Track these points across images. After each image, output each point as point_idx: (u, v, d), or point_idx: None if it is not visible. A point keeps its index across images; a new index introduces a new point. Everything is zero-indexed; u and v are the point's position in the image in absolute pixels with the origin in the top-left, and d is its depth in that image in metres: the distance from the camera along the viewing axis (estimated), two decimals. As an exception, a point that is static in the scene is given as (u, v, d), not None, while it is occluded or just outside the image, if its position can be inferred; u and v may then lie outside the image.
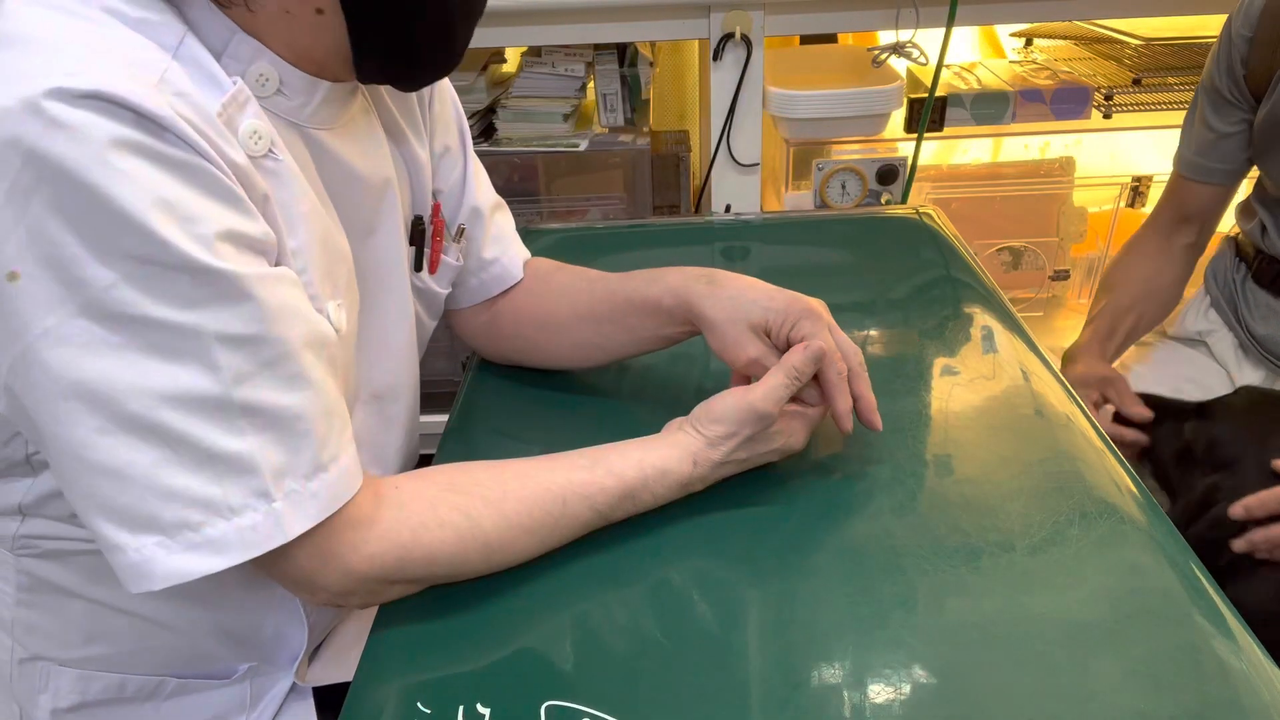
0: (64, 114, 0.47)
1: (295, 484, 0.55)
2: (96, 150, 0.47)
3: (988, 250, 1.77)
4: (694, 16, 1.40)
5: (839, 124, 1.50)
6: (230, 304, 0.52)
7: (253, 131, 0.56)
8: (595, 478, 0.65)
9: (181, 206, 0.50)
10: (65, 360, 0.50)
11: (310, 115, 0.62)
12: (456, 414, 0.86)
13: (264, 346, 0.53)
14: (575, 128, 1.64)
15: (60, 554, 0.67)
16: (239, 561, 0.53)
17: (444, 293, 0.83)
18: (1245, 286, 1.21)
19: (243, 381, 0.52)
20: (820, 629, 0.60)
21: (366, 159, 0.68)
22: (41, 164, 0.47)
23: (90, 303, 0.49)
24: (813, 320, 0.70)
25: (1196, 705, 0.54)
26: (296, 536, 0.55)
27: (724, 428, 0.67)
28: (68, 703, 0.71)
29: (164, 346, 0.50)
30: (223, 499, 0.53)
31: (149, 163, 0.49)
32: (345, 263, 0.65)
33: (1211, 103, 1.14)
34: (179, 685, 0.73)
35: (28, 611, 0.69)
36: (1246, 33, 1.07)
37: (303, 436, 0.55)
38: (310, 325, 0.57)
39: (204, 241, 0.50)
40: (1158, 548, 0.66)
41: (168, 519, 0.52)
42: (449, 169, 0.81)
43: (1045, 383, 0.85)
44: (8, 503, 0.65)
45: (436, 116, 0.79)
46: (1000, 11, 1.46)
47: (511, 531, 0.63)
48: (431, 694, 0.57)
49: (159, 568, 0.52)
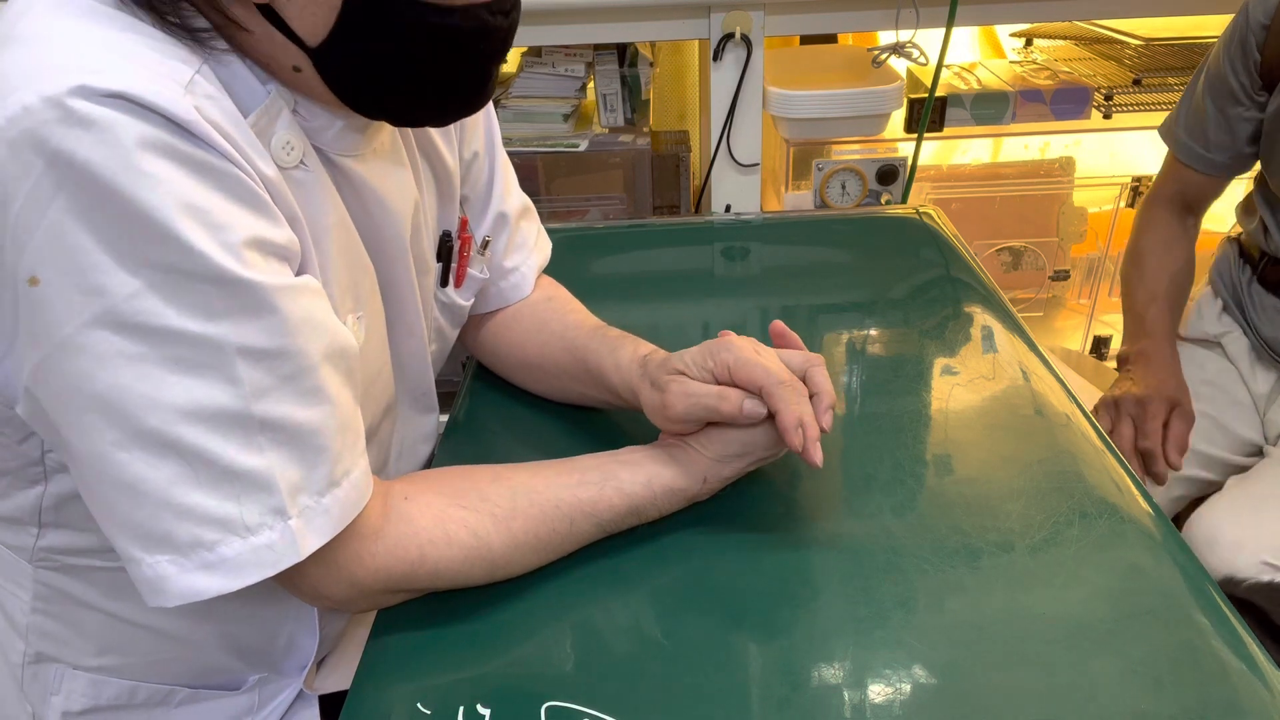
0: (90, 112, 0.45)
1: (310, 500, 0.54)
2: (123, 152, 0.46)
3: (988, 250, 1.77)
4: (694, 16, 1.40)
5: (839, 124, 1.50)
6: (253, 316, 0.50)
7: (285, 142, 0.55)
8: (604, 495, 0.64)
9: (210, 213, 0.48)
10: (84, 371, 0.48)
11: (332, 141, 0.60)
12: (456, 414, 0.86)
13: (285, 360, 0.52)
14: (575, 128, 1.64)
15: (78, 569, 0.67)
16: (253, 581, 0.53)
17: (467, 304, 0.82)
18: (1251, 289, 1.20)
19: (262, 396, 0.51)
20: (820, 629, 0.60)
21: (392, 182, 0.66)
22: (65, 165, 0.45)
23: (109, 312, 0.48)
24: (722, 347, 0.65)
25: (1196, 705, 0.54)
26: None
27: (735, 446, 0.66)
28: (79, 706, 0.71)
29: (185, 360, 0.49)
30: (239, 517, 0.52)
31: (177, 165, 0.47)
32: (368, 277, 0.65)
33: (1213, 90, 1.13)
34: (189, 694, 0.73)
35: (43, 619, 0.69)
36: (1264, 20, 1.06)
37: (319, 452, 0.54)
38: (332, 337, 0.56)
39: (231, 250, 0.49)
40: (1158, 548, 0.66)
41: (182, 538, 0.51)
42: (477, 175, 0.80)
43: (1045, 383, 0.85)
44: (26, 509, 0.64)
45: (467, 123, 0.78)
46: (1000, 11, 1.46)
47: (519, 550, 0.63)
48: (432, 695, 0.57)
49: (173, 585, 0.52)
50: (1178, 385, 1.14)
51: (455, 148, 0.77)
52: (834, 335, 0.94)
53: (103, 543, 0.63)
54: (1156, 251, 1.23)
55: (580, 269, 1.10)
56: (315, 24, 0.53)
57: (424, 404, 0.81)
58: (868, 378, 0.87)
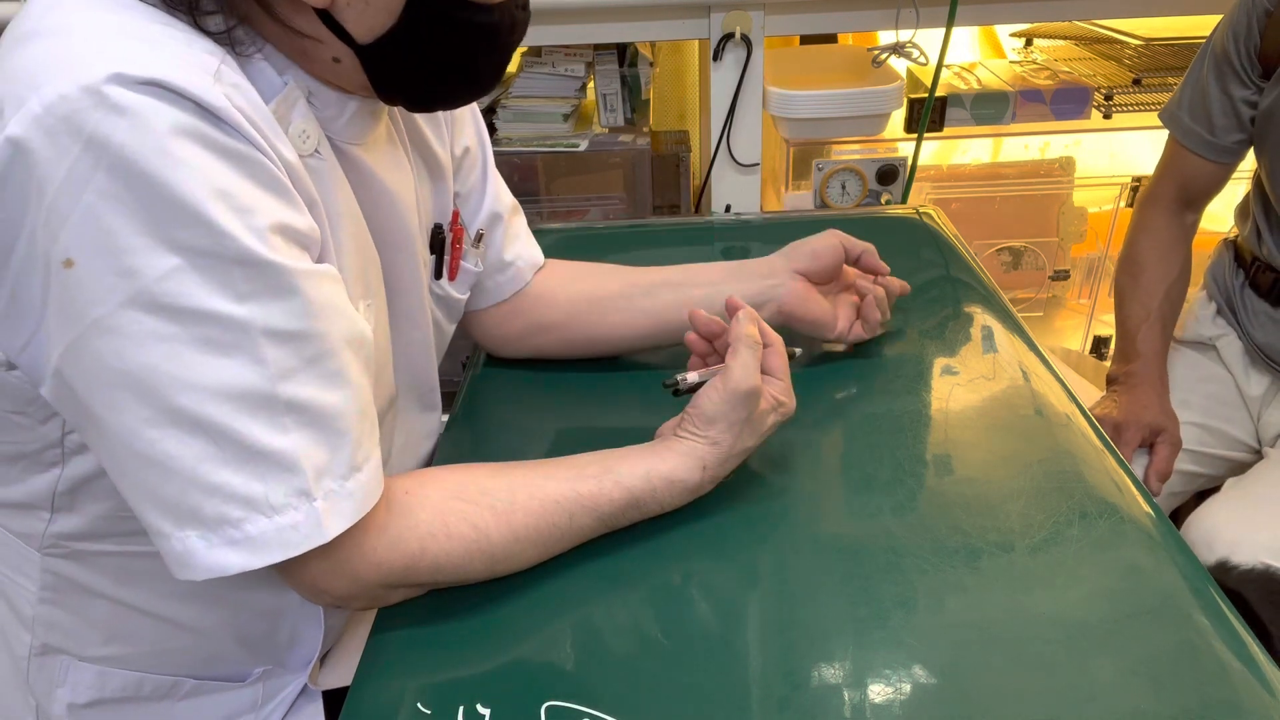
0: (125, 99, 0.47)
1: (334, 484, 0.55)
2: (157, 138, 0.47)
3: (988, 250, 1.77)
4: (694, 16, 1.40)
5: (839, 124, 1.50)
6: (279, 298, 0.52)
7: (302, 130, 0.57)
8: (603, 489, 0.65)
9: (239, 197, 0.50)
10: (116, 350, 0.50)
11: (342, 129, 0.63)
12: (456, 414, 0.86)
13: (308, 342, 0.53)
14: (575, 128, 1.64)
15: (88, 555, 0.67)
16: (277, 560, 0.54)
17: (463, 298, 0.83)
18: (1244, 294, 1.19)
19: (288, 377, 0.53)
20: (820, 629, 0.60)
21: (394, 174, 0.69)
22: (101, 150, 0.47)
23: (142, 292, 0.49)
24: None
25: (1196, 705, 0.54)
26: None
27: (722, 423, 0.67)
28: (85, 698, 0.71)
29: (213, 340, 0.51)
30: (264, 497, 0.53)
31: (208, 151, 0.49)
32: (375, 266, 0.66)
33: (1217, 68, 1.10)
34: (194, 686, 0.73)
35: (50, 609, 0.69)
36: (1269, 5, 1.06)
37: (342, 435, 0.55)
38: (351, 323, 0.57)
39: (258, 233, 0.51)
40: (1158, 548, 0.66)
41: (209, 513, 0.52)
42: (469, 170, 0.82)
43: (1045, 382, 0.85)
44: (40, 493, 0.65)
45: (456, 117, 0.80)
46: (1000, 11, 1.46)
47: (519, 544, 0.63)
48: (432, 694, 0.57)
49: (199, 559, 0.53)
50: (1160, 411, 1.13)
51: (446, 142, 0.78)
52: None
53: (114, 527, 0.64)
54: (1153, 259, 1.20)
55: (580, 269, 1.10)
56: (372, 26, 0.57)
57: (428, 400, 0.81)
58: (868, 378, 0.87)
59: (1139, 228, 1.23)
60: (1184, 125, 1.15)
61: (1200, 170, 1.16)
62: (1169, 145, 1.20)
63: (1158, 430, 1.12)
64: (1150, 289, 1.19)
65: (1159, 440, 1.12)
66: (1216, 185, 1.18)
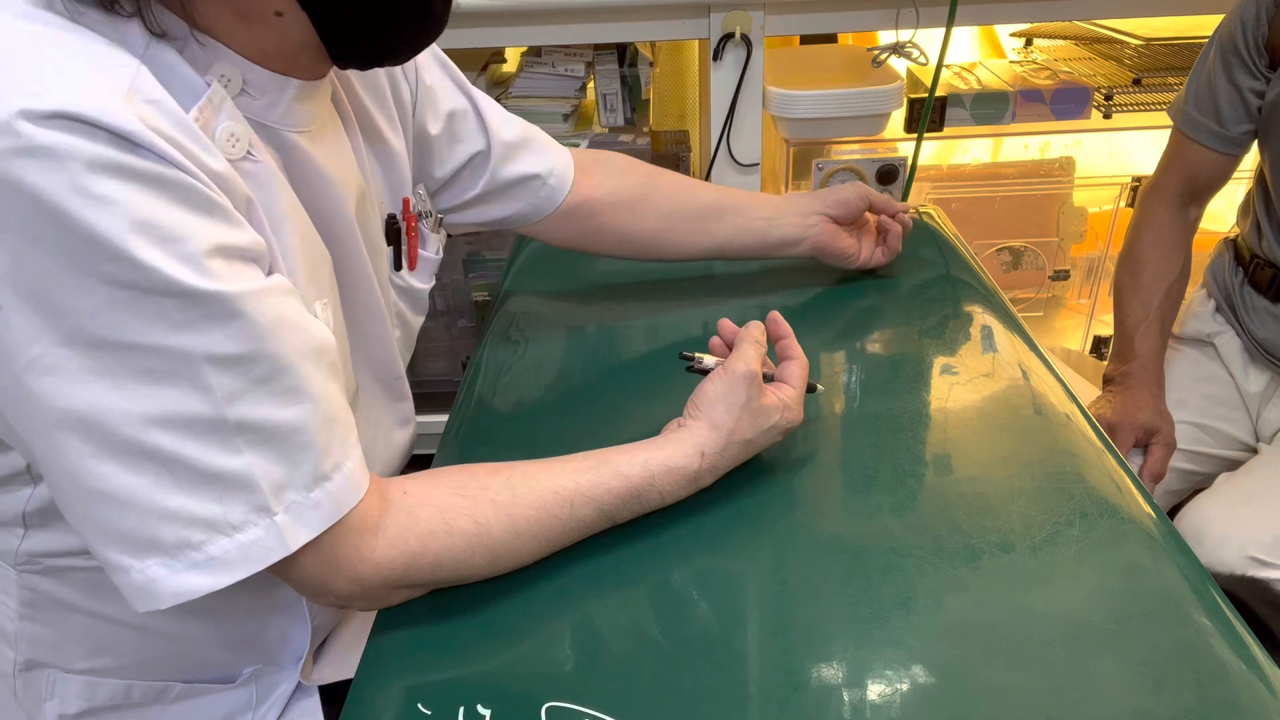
0: (35, 137, 0.44)
1: (296, 496, 0.55)
2: (70, 176, 0.45)
3: (988, 250, 1.77)
4: (694, 16, 1.40)
5: (839, 124, 1.50)
6: (219, 324, 0.50)
7: (230, 134, 0.55)
8: (601, 479, 0.65)
9: (164, 227, 0.48)
10: (53, 389, 0.49)
11: (281, 116, 0.60)
12: (456, 414, 0.86)
13: (256, 363, 0.52)
14: (575, 128, 1.64)
15: (62, 570, 0.67)
16: (243, 576, 0.53)
17: (426, 288, 0.82)
18: (1244, 291, 1.19)
19: (235, 400, 0.51)
20: (820, 629, 0.60)
21: (338, 163, 0.67)
22: (14, 193, 0.45)
23: (74, 331, 0.48)
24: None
25: (1196, 705, 0.54)
26: (300, 546, 0.55)
27: (721, 405, 0.68)
28: (75, 709, 0.71)
29: (152, 370, 0.49)
30: (223, 516, 0.52)
31: (127, 182, 0.47)
32: (326, 263, 0.65)
33: (1224, 57, 1.10)
34: (184, 689, 0.73)
35: (30, 625, 0.69)
36: None
37: (303, 449, 0.55)
38: (307, 335, 0.56)
39: (190, 260, 0.49)
40: (1158, 548, 0.66)
41: (169, 540, 0.52)
42: (467, 128, 0.83)
43: (1045, 382, 0.85)
44: (11, 512, 0.65)
45: (429, 88, 0.79)
46: (1000, 11, 1.46)
47: (520, 538, 0.63)
48: (432, 695, 0.57)
49: (164, 587, 0.52)
50: (1155, 412, 1.14)
51: (399, 129, 0.77)
52: (834, 335, 0.94)
53: (83, 543, 0.63)
54: (1154, 256, 1.20)
55: (581, 268, 1.10)
56: None
57: (396, 390, 0.81)
58: (868, 377, 0.87)
59: (1141, 223, 1.23)
60: (1191, 118, 1.15)
61: (1207, 162, 1.16)
62: (1173, 139, 1.19)
63: (1152, 431, 1.12)
64: (1150, 287, 1.19)
65: (1153, 441, 1.12)
66: (1221, 179, 1.18)
